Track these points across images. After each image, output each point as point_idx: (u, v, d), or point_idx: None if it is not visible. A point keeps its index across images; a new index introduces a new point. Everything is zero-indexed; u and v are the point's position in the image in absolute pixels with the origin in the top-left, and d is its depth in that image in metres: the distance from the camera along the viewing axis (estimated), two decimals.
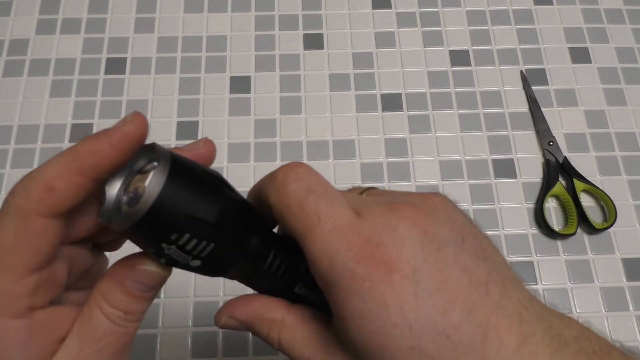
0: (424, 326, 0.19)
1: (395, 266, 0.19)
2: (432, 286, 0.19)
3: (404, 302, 0.19)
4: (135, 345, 0.43)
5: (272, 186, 0.22)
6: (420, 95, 0.54)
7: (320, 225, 0.20)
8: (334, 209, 0.20)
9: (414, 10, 0.58)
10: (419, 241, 0.20)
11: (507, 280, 0.20)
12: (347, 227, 0.20)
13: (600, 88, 0.54)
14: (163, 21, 0.57)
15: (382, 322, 0.19)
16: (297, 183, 0.21)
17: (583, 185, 0.49)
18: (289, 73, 0.54)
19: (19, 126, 0.51)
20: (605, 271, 0.47)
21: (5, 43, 0.55)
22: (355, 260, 0.19)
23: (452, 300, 0.19)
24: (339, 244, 0.20)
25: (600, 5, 0.58)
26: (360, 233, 0.20)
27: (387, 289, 0.19)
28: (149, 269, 0.21)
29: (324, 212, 0.20)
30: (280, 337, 0.22)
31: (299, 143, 0.51)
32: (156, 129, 0.51)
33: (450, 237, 0.20)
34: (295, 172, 0.21)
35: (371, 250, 0.19)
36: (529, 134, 0.52)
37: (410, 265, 0.19)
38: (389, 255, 0.19)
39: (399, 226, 0.20)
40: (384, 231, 0.20)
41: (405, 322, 0.19)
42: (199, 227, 0.20)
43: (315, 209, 0.20)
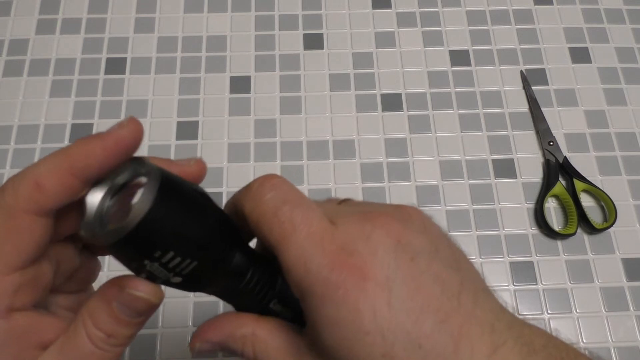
0: (397, 334, 0.19)
1: (369, 274, 0.19)
2: (405, 294, 0.19)
3: (377, 309, 0.19)
4: (135, 345, 0.43)
5: (247, 196, 0.22)
6: (420, 95, 0.54)
7: (295, 233, 0.20)
8: (308, 217, 0.21)
9: (414, 10, 0.58)
10: (393, 249, 0.20)
11: (479, 291, 0.21)
12: (321, 235, 0.20)
13: (600, 88, 0.54)
14: (163, 21, 0.57)
15: (355, 330, 0.19)
16: (273, 193, 0.21)
17: (583, 185, 0.49)
18: (289, 73, 0.54)
19: (19, 126, 0.51)
20: (605, 271, 0.47)
21: (5, 43, 0.55)
22: (330, 267, 0.19)
23: (425, 308, 0.19)
24: (314, 252, 0.20)
25: (600, 5, 0.58)
26: (334, 241, 0.20)
27: (360, 296, 0.19)
28: (138, 295, 0.20)
29: (298, 220, 0.20)
30: (254, 350, 0.22)
31: (299, 143, 0.51)
32: (156, 129, 0.51)
33: (424, 247, 0.21)
34: (271, 183, 0.22)
35: (345, 258, 0.19)
36: (529, 134, 0.52)
37: (384, 273, 0.19)
38: (363, 262, 0.19)
39: (373, 234, 0.20)
40: (358, 239, 0.20)
41: (378, 329, 0.19)
42: (185, 246, 0.20)
43: (290, 218, 0.20)
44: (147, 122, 0.52)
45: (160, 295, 0.21)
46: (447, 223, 0.48)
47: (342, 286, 0.19)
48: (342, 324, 0.19)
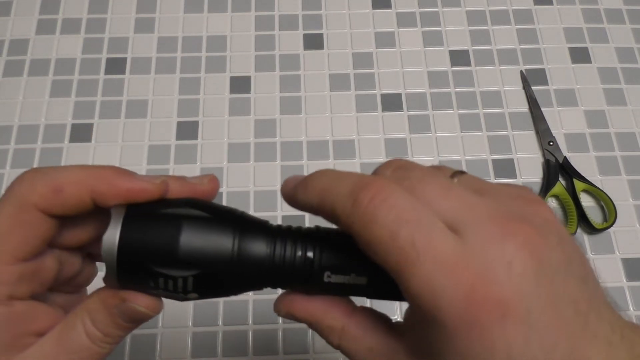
0: None
1: (510, 310, 0.17)
2: (543, 326, 0.17)
3: (512, 346, 0.17)
4: (136, 345, 0.43)
5: (356, 212, 0.19)
6: (420, 95, 0.54)
7: (419, 261, 0.18)
8: (433, 240, 0.18)
9: (414, 10, 0.58)
10: (535, 275, 0.18)
11: (602, 303, 0.19)
12: (452, 262, 0.18)
13: (600, 88, 0.54)
14: (163, 21, 0.57)
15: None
16: (386, 211, 0.18)
17: (583, 185, 0.49)
18: (289, 73, 0.54)
19: (19, 126, 0.51)
20: (605, 271, 0.47)
21: (5, 43, 0.55)
22: (465, 302, 0.17)
23: (558, 339, 0.18)
24: (445, 282, 0.17)
25: (600, 5, 0.58)
26: (468, 268, 0.17)
27: (498, 334, 0.17)
28: (137, 309, 0.22)
29: (422, 246, 0.18)
30: (340, 343, 0.22)
31: (299, 143, 0.51)
32: (156, 129, 0.51)
33: (560, 263, 0.18)
34: (383, 198, 0.19)
35: (483, 291, 0.17)
36: (529, 134, 0.52)
37: (524, 305, 0.17)
38: (504, 297, 0.17)
39: (515, 260, 0.18)
40: (498, 267, 0.18)
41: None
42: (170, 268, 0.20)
43: (411, 243, 0.18)
44: (147, 122, 0.52)
45: (159, 308, 0.22)
46: None
47: (478, 324, 0.17)
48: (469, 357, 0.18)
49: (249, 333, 0.44)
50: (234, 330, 0.44)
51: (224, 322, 0.44)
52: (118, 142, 0.51)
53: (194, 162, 0.50)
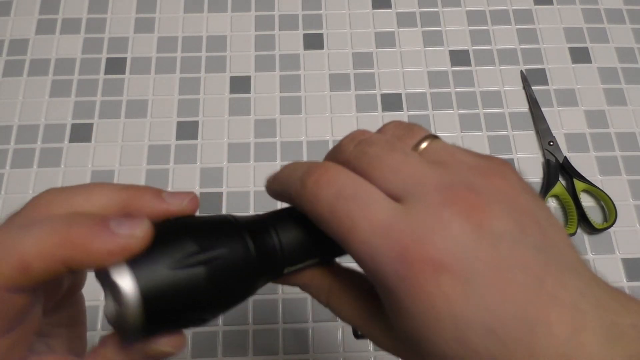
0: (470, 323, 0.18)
1: (445, 267, 0.18)
2: (483, 286, 0.18)
3: (451, 302, 0.18)
4: None
5: (302, 196, 0.21)
6: (420, 95, 0.54)
7: (355, 228, 0.19)
8: (368, 209, 0.19)
9: (414, 10, 0.58)
10: (473, 238, 0.18)
11: (566, 270, 0.19)
12: (387, 226, 0.19)
13: (600, 88, 0.54)
14: (163, 21, 0.57)
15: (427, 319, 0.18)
16: (327, 189, 0.20)
17: (583, 185, 0.49)
18: (289, 73, 0.54)
19: (19, 126, 0.51)
20: (605, 271, 0.47)
21: (5, 43, 0.55)
22: (400, 260, 0.18)
23: (503, 300, 0.18)
24: (380, 245, 0.19)
25: (600, 5, 0.58)
26: (404, 230, 0.19)
27: (434, 291, 0.18)
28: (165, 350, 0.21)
29: (358, 215, 0.19)
30: (328, 301, 0.23)
31: (299, 143, 0.51)
32: (156, 129, 0.51)
33: (507, 229, 0.19)
34: (326, 178, 0.20)
35: (418, 250, 0.18)
36: (529, 134, 0.52)
37: (461, 264, 0.18)
38: (438, 255, 0.18)
39: (452, 223, 0.18)
40: (435, 229, 0.19)
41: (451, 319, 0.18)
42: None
43: (347, 214, 0.19)
44: (147, 122, 0.52)
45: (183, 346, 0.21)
46: None
47: (414, 280, 0.18)
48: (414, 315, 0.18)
49: (249, 333, 0.44)
50: (234, 330, 0.44)
51: (224, 322, 0.44)
52: (118, 142, 0.51)
53: (194, 162, 0.50)
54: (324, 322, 0.44)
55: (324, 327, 0.44)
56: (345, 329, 0.44)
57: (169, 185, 0.49)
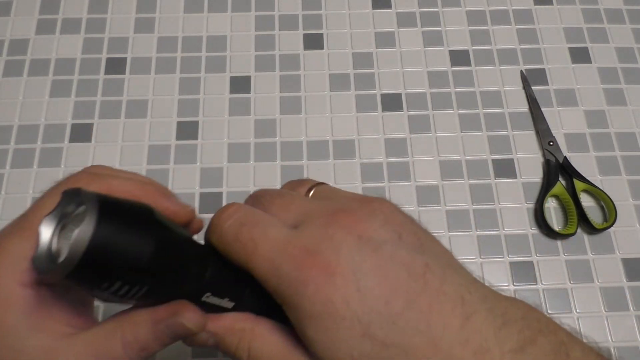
0: (371, 316, 0.20)
1: (335, 269, 0.21)
2: (373, 282, 0.21)
3: (348, 297, 0.20)
4: None
5: (210, 232, 0.23)
6: (420, 95, 0.54)
7: (257, 248, 0.22)
8: (267, 232, 0.22)
9: (414, 10, 0.58)
10: (355, 246, 0.21)
11: (447, 268, 0.22)
12: (285, 243, 0.22)
13: (600, 88, 0.54)
14: (163, 21, 0.57)
15: (332, 319, 0.20)
16: (230, 220, 0.23)
17: (583, 185, 0.49)
18: (289, 73, 0.54)
19: (19, 126, 0.51)
20: (605, 271, 0.47)
21: (5, 43, 0.55)
22: (298, 269, 0.21)
23: (393, 291, 0.20)
24: (281, 259, 0.21)
25: (600, 5, 0.58)
26: (298, 245, 0.21)
27: (330, 289, 0.20)
28: (185, 324, 0.22)
29: (258, 237, 0.22)
30: (250, 346, 0.23)
31: (299, 143, 0.51)
32: (156, 129, 0.51)
33: (386, 238, 0.22)
34: (227, 213, 0.23)
35: (311, 259, 0.21)
36: (529, 134, 0.52)
37: (349, 267, 0.21)
38: (328, 261, 0.21)
39: (335, 235, 0.21)
40: (322, 241, 0.21)
41: (353, 315, 0.20)
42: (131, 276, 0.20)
43: (250, 237, 0.22)
44: (147, 122, 0.52)
45: (202, 325, 0.23)
46: (447, 223, 0.48)
47: (312, 282, 0.20)
48: (319, 317, 0.20)
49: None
50: None
51: None
52: (118, 142, 0.51)
53: (194, 162, 0.50)
54: None
55: None
56: None
57: (169, 186, 0.49)
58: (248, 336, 0.23)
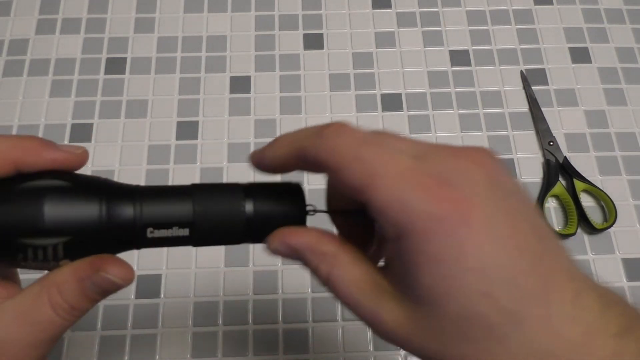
0: (497, 272, 0.18)
1: (473, 209, 0.18)
2: (505, 232, 0.18)
3: (481, 246, 0.18)
4: (135, 345, 0.43)
5: (320, 144, 0.21)
6: (420, 95, 0.54)
7: (382, 172, 0.19)
8: (393, 155, 0.20)
9: (414, 10, 0.58)
10: (489, 187, 0.19)
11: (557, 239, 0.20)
12: (414, 170, 0.19)
13: (600, 88, 0.54)
14: (163, 21, 0.57)
15: (457, 266, 0.18)
16: (348, 137, 0.20)
17: (583, 185, 0.49)
18: (289, 73, 0.54)
19: (19, 126, 0.51)
20: (605, 271, 0.47)
21: (5, 43, 0.55)
22: (431, 201, 0.18)
23: (522, 248, 0.18)
24: (410, 187, 0.19)
25: (600, 5, 0.58)
26: (430, 174, 0.19)
27: (465, 231, 0.18)
28: (112, 279, 0.22)
29: (383, 159, 0.19)
30: (330, 272, 0.22)
31: None
32: (156, 129, 0.51)
33: (512, 188, 0.20)
34: (344, 129, 0.20)
35: (447, 191, 0.19)
36: (529, 134, 0.52)
37: (485, 209, 0.19)
38: (466, 197, 0.19)
39: (469, 170, 0.19)
40: (456, 173, 0.19)
41: (480, 266, 0.18)
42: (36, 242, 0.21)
43: (373, 157, 0.19)
44: (147, 122, 0.52)
45: (131, 278, 0.22)
46: None
47: (446, 219, 0.18)
48: (444, 261, 0.18)
49: (249, 333, 0.44)
50: (234, 330, 0.44)
51: (224, 322, 0.44)
52: (118, 142, 0.51)
53: (194, 162, 0.50)
54: (324, 322, 0.44)
55: (324, 327, 0.44)
56: (345, 329, 0.44)
57: None
58: (329, 261, 0.22)
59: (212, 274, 0.46)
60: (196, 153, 0.50)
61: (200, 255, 0.46)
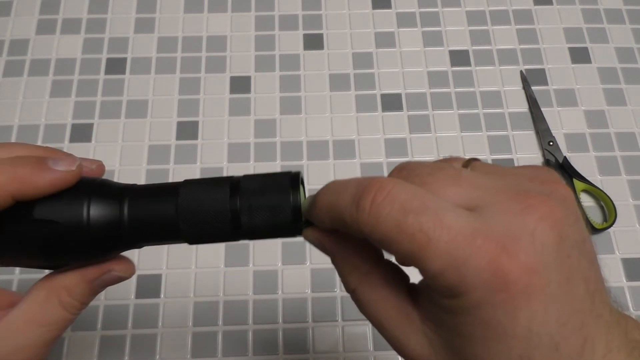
0: (542, 339, 0.17)
1: (535, 279, 0.17)
2: (560, 298, 0.18)
3: (534, 315, 0.17)
4: (136, 345, 0.43)
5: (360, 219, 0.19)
6: (420, 95, 0.54)
7: (432, 242, 0.18)
8: (442, 220, 0.18)
9: (414, 10, 0.58)
10: (555, 247, 0.18)
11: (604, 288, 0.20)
12: (470, 234, 0.18)
13: (600, 88, 0.54)
14: (163, 21, 0.57)
15: (504, 332, 0.18)
16: (389, 207, 0.19)
17: (583, 185, 0.49)
18: (289, 73, 0.54)
19: (19, 126, 0.51)
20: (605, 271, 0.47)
21: (5, 43, 0.55)
22: (491, 270, 0.17)
23: (571, 314, 0.18)
24: (466, 254, 0.17)
25: (600, 5, 0.58)
26: (490, 237, 0.18)
27: (522, 302, 0.17)
28: (119, 275, 0.24)
29: (431, 228, 0.18)
30: (357, 287, 0.21)
31: (299, 143, 0.51)
32: (156, 129, 0.51)
33: (577, 240, 0.19)
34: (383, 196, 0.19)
35: (508, 261, 0.17)
36: (528, 134, 0.52)
37: (547, 276, 0.17)
38: (530, 265, 0.17)
39: (537, 230, 0.18)
40: (522, 236, 0.18)
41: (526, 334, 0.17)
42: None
43: (419, 228, 0.18)
44: (147, 122, 0.52)
45: (133, 271, 0.25)
46: None
47: (505, 290, 0.17)
48: (493, 326, 0.18)
49: (249, 333, 0.44)
50: (234, 330, 0.44)
51: (224, 322, 0.44)
52: (118, 142, 0.51)
53: (194, 162, 0.50)
54: (324, 322, 0.44)
55: (324, 327, 0.44)
56: (345, 329, 0.44)
57: None
58: (359, 277, 0.21)
59: (212, 274, 0.46)
60: (196, 153, 0.50)
61: (200, 255, 0.46)
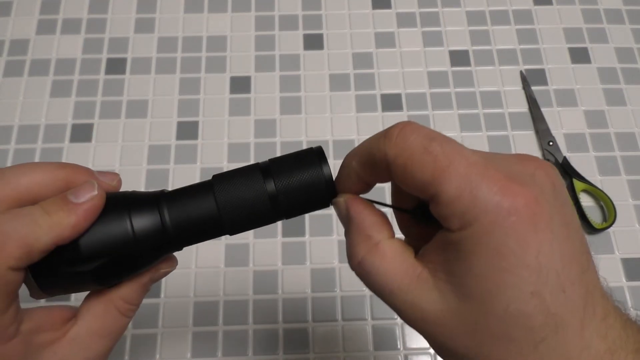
0: (549, 275, 0.19)
1: (540, 209, 0.19)
2: (561, 238, 0.19)
3: (542, 245, 0.19)
4: (136, 345, 0.43)
5: (389, 144, 0.21)
6: (420, 95, 0.54)
7: (453, 164, 0.19)
8: (462, 150, 0.20)
9: (414, 10, 0.58)
10: (552, 192, 0.20)
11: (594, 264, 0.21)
12: (484, 164, 0.19)
13: (600, 88, 0.54)
14: (163, 21, 0.57)
15: (516, 261, 0.18)
16: (416, 134, 0.21)
17: (583, 185, 0.49)
18: (289, 73, 0.54)
19: (19, 126, 0.51)
20: (605, 271, 0.46)
21: (5, 43, 0.55)
22: (502, 193, 0.19)
23: (572, 256, 0.19)
24: (481, 179, 0.19)
25: (600, 5, 0.58)
26: (500, 170, 0.19)
27: (531, 229, 0.19)
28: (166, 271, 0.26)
29: (453, 152, 0.20)
30: (365, 256, 0.22)
31: (299, 143, 0.51)
32: (156, 129, 0.51)
33: (566, 199, 0.21)
34: (411, 127, 0.21)
35: (517, 187, 0.19)
36: (528, 134, 0.52)
37: (548, 210, 0.19)
38: (535, 196, 0.19)
39: (536, 174, 0.20)
40: (523, 174, 0.20)
41: (537, 265, 0.18)
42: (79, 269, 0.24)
43: (442, 151, 0.20)
44: (147, 122, 0.52)
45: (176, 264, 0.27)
46: None
47: (515, 214, 0.19)
48: (504, 253, 0.19)
49: (249, 333, 0.44)
50: (234, 330, 0.44)
51: (224, 322, 0.44)
52: (118, 142, 0.51)
53: (194, 162, 0.50)
54: (324, 322, 0.44)
55: (324, 327, 0.44)
56: (345, 329, 0.44)
57: (169, 186, 0.49)
58: (369, 246, 0.22)
59: (212, 274, 0.46)
60: (196, 153, 0.50)
61: (200, 255, 0.46)
